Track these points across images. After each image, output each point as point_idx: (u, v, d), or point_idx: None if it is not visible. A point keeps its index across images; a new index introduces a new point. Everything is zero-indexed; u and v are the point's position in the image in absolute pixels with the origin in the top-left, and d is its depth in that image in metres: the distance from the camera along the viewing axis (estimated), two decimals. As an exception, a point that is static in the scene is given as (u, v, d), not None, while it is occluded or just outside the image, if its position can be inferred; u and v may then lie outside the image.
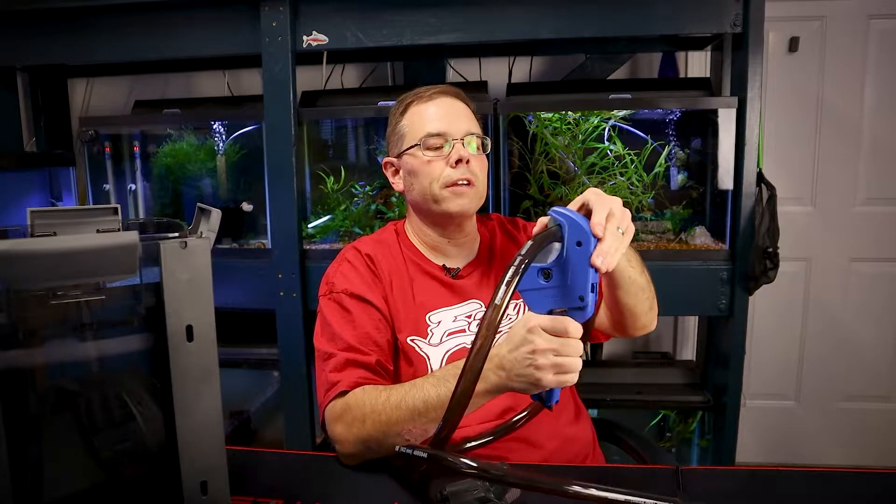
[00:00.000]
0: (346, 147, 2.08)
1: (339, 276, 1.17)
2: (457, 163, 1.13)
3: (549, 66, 2.32)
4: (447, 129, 1.15)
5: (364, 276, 1.16)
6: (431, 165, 1.15)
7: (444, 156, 1.14)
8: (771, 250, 1.61)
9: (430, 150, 1.15)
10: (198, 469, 0.65)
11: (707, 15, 1.62)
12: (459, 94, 1.22)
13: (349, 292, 1.13)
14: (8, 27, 1.85)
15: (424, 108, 1.18)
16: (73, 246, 0.56)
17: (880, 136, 2.36)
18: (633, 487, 0.88)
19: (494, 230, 1.30)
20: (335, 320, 1.12)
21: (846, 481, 0.89)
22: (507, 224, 1.33)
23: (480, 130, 1.21)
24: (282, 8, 1.70)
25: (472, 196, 1.16)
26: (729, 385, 1.73)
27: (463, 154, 1.13)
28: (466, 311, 1.18)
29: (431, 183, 1.15)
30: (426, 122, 1.17)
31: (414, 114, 1.19)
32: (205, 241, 0.63)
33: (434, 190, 1.15)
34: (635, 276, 1.07)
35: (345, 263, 1.19)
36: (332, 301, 1.14)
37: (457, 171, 1.14)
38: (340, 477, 0.93)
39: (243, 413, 2.19)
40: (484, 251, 1.26)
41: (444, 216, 1.18)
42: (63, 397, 0.64)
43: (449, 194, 1.15)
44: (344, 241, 1.87)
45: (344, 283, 1.15)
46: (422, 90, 1.21)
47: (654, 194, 1.82)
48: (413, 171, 1.18)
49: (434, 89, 1.20)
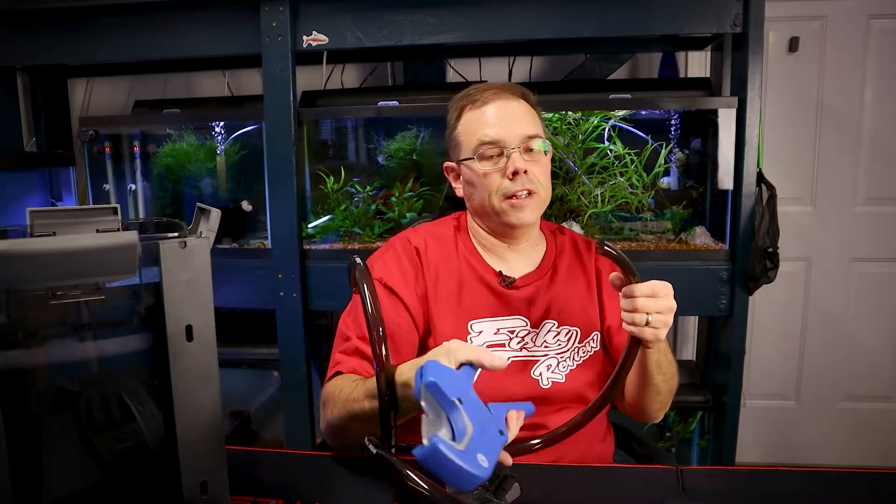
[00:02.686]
0: (346, 147, 2.08)
1: (380, 264, 1.13)
2: (513, 175, 1.08)
3: (549, 66, 2.32)
4: (502, 137, 1.09)
5: (405, 270, 1.12)
6: (488, 178, 1.10)
7: (501, 167, 1.09)
8: (771, 250, 1.61)
9: (486, 161, 1.10)
10: (198, 469, 0.65)
11: (707, 15, 1.62)
12: (515, 90, 1.14)
13: (384, 282, 1.09)
14: (8, 27, 1.85)
15: (478, 114, 1.12)
16: (73, 246, 0.56)
17: (880, 136, 2.36)
18: (633, 487, 0.88)
19: (564, 247, 1.22)
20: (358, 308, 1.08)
21: (846, 481, 0.89)
22: (581, 245, 1.24)
23: (541, 128, 1.14)
24: (282, 8, 1.70)
25: (534, 206, 1.11)
26: (729, 385, 1.73)
27: (519, 166, 1.07)
28: (510, 326, 1.13)
29: (490, 196, 1.10)
30: (479, 130, 1.11)
31: (467, 121, 1.14)
32: (204, 241, 0.63)
33: (493, 202, 1.10)
34: (659, 381, 1.05)
35: (390, 252, 1.14)
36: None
37: (515, 184, 1.08)
38: (340, 477, 0.93)
39: (243, 413, 2.19)
40: (546, 266, 1.19)
41: (504, 227, 1.13)
42: (63, 397, 0.64)
43: (507, 207, 1.09)
44: (344, 241, 1.87)
45: (382, 271, 1.11)
46: (474, 91, 1.14)
47: (654, 194, 1.82)
48: (471, 182, 1.13)
49: (487, 90, 1.13)
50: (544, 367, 1.11)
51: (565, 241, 1.24)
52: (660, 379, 1.05)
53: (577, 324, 1.14)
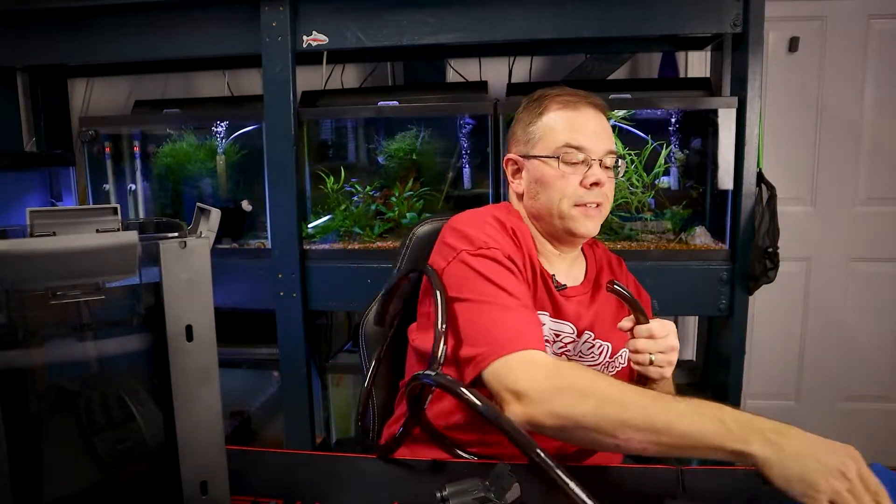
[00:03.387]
0: (346, 147, 2.08)
1: (488, 237, 1.04)
2: (592, 185, 1.07)
3: (549, 66, 2.32)
4: (590, 146, 1.08)
5: (512, 246, 1.06)
6: (565, 180, 1.08)
7: (581, 173, 1.08)
8: (771, 250, 1.61)
9: (568, 165, 1.08)
10: (198, 469, 0.65)
11: (707, 15, 1.62)
12: (604, 108, 1.14)
13: (507, 255, 1.02)
14: (8, 27, 1.85)
15: (570, 116, 1.10)
16: (73, 246, 0.56)
17: (880, 136, 2.36)
18: (633, 487, 0.88)
19: (602, 262, 1.23)
20: (498, 276, 0.98)
21: (846, 481, 0.89)
22: (613, 262, 1.26)
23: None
24: (282, 8, 1.70)
25: (599, 219, 1.11)
26: (729, 385, 1.73)
27: (601, 178, 1.07)
28: (558, 329, 1.10)
29: (562, 199, 1.08)
30: (569, 133, 1.08)
31: (556, 119, 1.10)
32: (204, 241, 0.63)
33: (563, 206, 1.08)
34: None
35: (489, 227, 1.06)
36: (487, 259, 1.00)
37: (591, 194, 1.07)
38: (340, 477, 0.93)
39: (243, 413, 2.19)
40: (588, 282, 1.18)
41: (566, 233, 1.11)
42: (63, 397, 0.64)
43: (578, 214, 1.08)
44: (344, 241, 1.87)
45: (496, 243, 1.03)
46: (566, 93, 1.12)
47: (654, 194, 1.82)
48: (543, 180, 1.10)
49: (581, 97, 1.11)
50: None
51: (601, 254, 1.25)
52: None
53: (609, 339, 1.14)
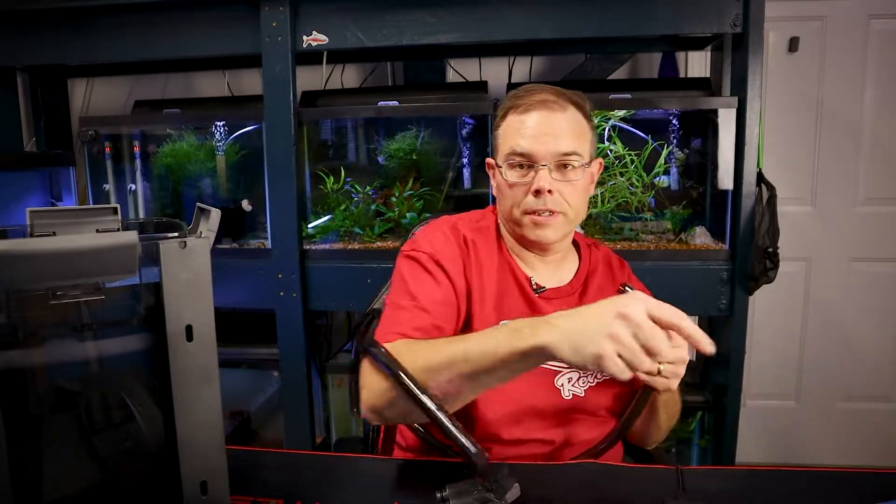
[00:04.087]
0: (346, 147, 2.08)
1: (428, 241, 1.07)
2: (537, 193, 1.02)
3: (549, 66, 2.32)
4: (533, 151, 1.03)
5: (454, 254, 1.06)
6: (513, 190, 1.05)
7: (528, 181, 1.03)
8: (771, 250, 1.61)
9: (514, 172, 1.05)
10: (198, 469, 0.65)
11: (707, 15, 1.62)
12: (565, 99, 1.06)
13: (434, 258, 1.04)
14: (8, 27, 1.85)
15: (518, 120, 1.06)
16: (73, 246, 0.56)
17: (880, 136, 2.36)
18: (633, 487, 0.88)
19: (598, 264, 1.17)
20: (412, 278, 1.02)
21: (846, 481, 0.89)
22: (614, 263, 1.20)
23: (587, 143, 1.07)
24: (282, 8, 1.70)
25: (557, 226, 1.05)
26: (729, 385, 1.73)
27: (542, 185, 1.01)
28: None
29: (512, 207, 1.06)
30: (515, 138, 1.05)
31: (507, 125, 1.08)
32: (204, 241, 0.63)
33: (514, 215, 1.06)
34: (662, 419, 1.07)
35: (437, 233, 1.09)
36: (413, 260, 1.05)
37: (538, 202, 1.03)
38: (340, 477, 0.93)
39: (243, 413, 2.19)
40: (577, 283, 1.13)
41: (524, 240, 1.09)
42: (63, 397, 0.64)
43: (528, 222, 1.05)
44: (344, 241, 1.87)
45: (430, 247, 1.05)
46: (523, 93, 1.07)
47: (654, 194, 1.82)
48: (499, 188, 1.09)
49: (535, 94, 1.06)
50: (566, 378, 1.08)
51: (599, 256, 1.19)
52: (664, 417, 1.06)
53: None
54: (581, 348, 0.73)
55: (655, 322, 0.72)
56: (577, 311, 0.78)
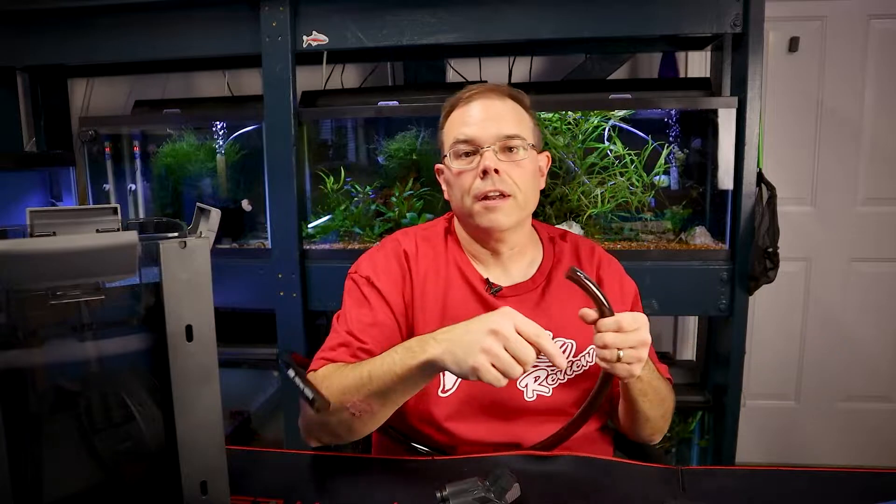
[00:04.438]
0: (346, 147, 2.08)
1: (368, 263, 1.12)
2: (484, 174, 1.03)
3: (549, 66, 2.32)
4: (476, 135, 1.05)
5: (392, 271, 1.10)
6: (462, 177, 1.07)
7: (475, 166, 1.05)
8: (771, 250, 1.61)
9: (460, 159, 1.07)
10: (198, 469, 0.65)
11: (707, 15, 1.62)
12: (503, 90, 1.10)
13: (370, 281, 1.09)
14: (8, 27, 1.85)
15: (461, 112, 1.10)
16: (73, 246, 0.56)
17: (880, 136, 2.36)
18: (633, 487, 0.88)
19: (563, 255, 1.17)
20: (349, 301, 1.09)
21: (846, 481, 0.89)
22: (583, 251, 1.19)
23: (529, 131, 1.10)
24: (282, 8, 1.70)
25: (508, 209, 1.05)
26: (729, 385, 1.73)
27: (488, 164, 1.03)
28: None
29: (463, 196, 1.07)
30: (459, 127, 1.08)
31: (451, 120, 1.12)
32: (204, 241, 0.63)
33: (466, 203, 1.07)
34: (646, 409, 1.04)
35: (379, 253, 1.14)
36: (352, 282, 1.11)
37: (486, 183, 1.04)
38: (340, 477, 0.93)
39: (243, 413, 2.19)
40: (539, 278, 1.13)
41: (479, 231, 1.09)
42: (63, 397, 0.64)
43: (480, 208, 1.05)
44: (344, 241, 1.87)
45: (369, 270, 1.10)
46: (462, 91, 1.12)
47: (654, 194, 1.82)
48: (448, 182, 1.11)
49: (474, 90, 1.10)
50: (531, 378, 1.08)
51: (565, 248, 1.18)
52: (646, 406, 1.04)
53: (573, 336, 1.10)
54: (461, 361, 0.81)
55: (521, 335, 0.80)
56: (458, 326, 0.86)
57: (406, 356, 0.88)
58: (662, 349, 2.49)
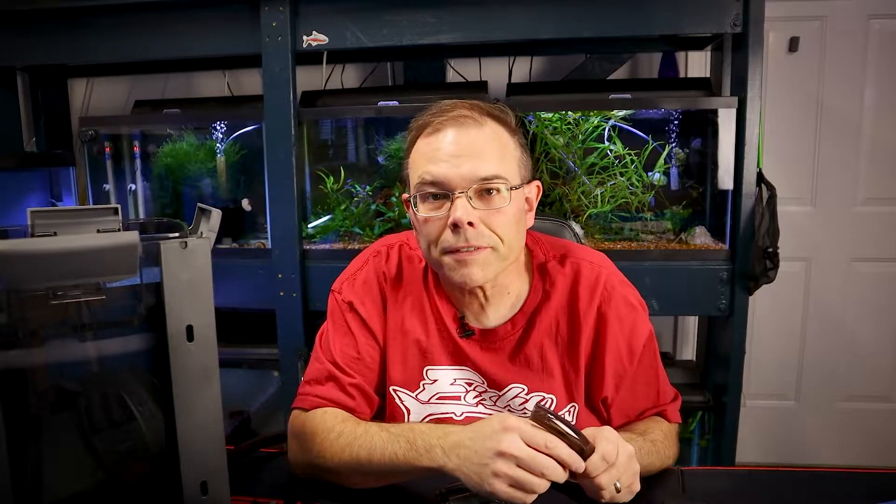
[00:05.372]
0: (346, 147, 2.08)
1: (348, 285, 1.00)
2: (454, 227, 0.86)
3: (549, 66, 2.32)
4: (447, 177, 0.86)
5: (373, 297, 0.99)
6: (428, 226, 0.89)
7: (444, 214, 0.87)
8: (771, 250, 1.61)
9: (427, 204, 0.89)
10: (198, 469, 0.65)
11: (707, 15, 1.62)
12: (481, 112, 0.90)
13: (353, 308, 0.98)
14: (8, 27, 1.85)
15: (429, 142, 0.90)
16: (74, 246, 0.56)
17: (880, 136, 2.36)
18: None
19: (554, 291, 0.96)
20: (333, 328, 0.99)
21: (846, 481, 0.89)
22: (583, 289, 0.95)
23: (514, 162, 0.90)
24: (282, 8, 1.70)
25: (485, 262, 0.88)
26: (729, 385, 1.73)
27: (460, 216, 0.84)
28: (468, 378, 0.97)
29: (430, 246, 0.90)
30: (425, 165, 0.89)
31: (417, 150, 0.93)
32: (205, 242, 0.63)
33: (433, 254, 0.90)
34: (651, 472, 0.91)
35: (360, 274, 1.01)
36: (335, 303, 1.01)
37: (458, 239, 0.86)
38: (340, 477, 0.93)
39: (243, 413, 2.19)
40: (521, 318, 0.96)
41: (451, 283, 0.93)
42: (63, 397, 0.64)
43: (450, 262, 0.88)
44: (344, 241, 1.87)
45: (351, 294, 0.99)
46: (432, 113, 0.92)
47: (654, 194, 1.82)
48: (414, 225, 0.93)
49: (445, 112, 0.90)
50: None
51: (559, 280, 0.97)
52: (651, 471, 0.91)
53: (553, 390, 0.95)
54: (477, 486, 0.74)
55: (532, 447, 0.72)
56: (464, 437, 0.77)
57: (410, 454, 0.80)
58: (663, 349, 2.49)
